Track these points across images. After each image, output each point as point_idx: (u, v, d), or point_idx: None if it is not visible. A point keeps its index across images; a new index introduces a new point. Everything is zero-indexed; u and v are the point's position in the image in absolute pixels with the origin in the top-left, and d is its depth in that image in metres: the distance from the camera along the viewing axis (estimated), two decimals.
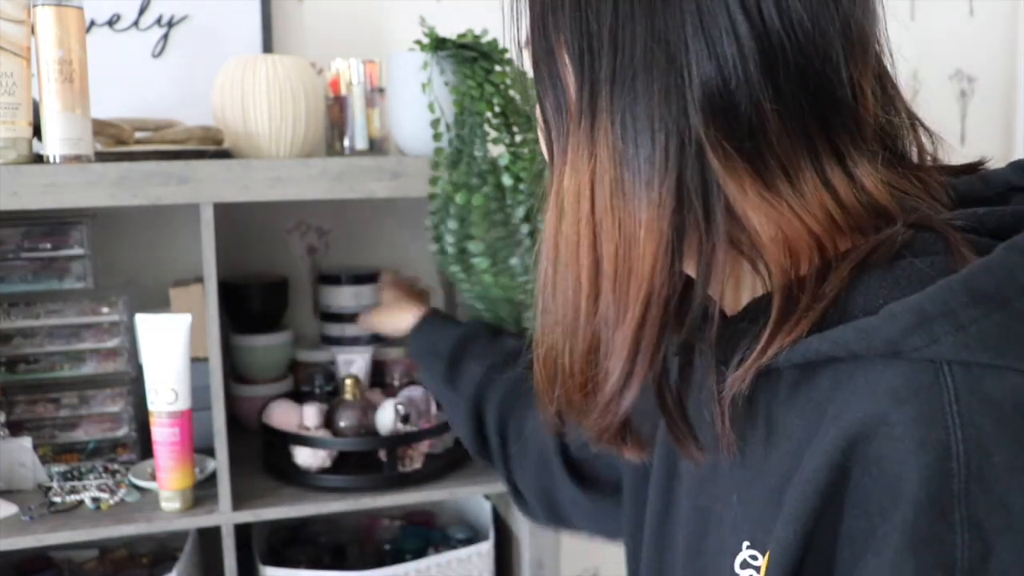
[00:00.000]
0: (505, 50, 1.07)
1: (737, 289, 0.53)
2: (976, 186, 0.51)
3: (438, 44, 1.05)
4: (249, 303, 1.27)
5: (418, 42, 1.09)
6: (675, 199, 0.47)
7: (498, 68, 1.04)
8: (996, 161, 0.54)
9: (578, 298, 0.51)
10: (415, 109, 1.08)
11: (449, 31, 1.07)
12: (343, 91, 1.20)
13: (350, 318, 1.30)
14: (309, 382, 1.22)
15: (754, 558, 0.50)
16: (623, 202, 0.49)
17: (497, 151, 1.04)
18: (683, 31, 0.46)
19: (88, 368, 1.13)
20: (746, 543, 0.51)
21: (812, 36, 0.46)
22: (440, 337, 1.00)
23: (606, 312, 0.50)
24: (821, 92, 0.47)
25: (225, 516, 1.01)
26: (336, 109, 1.21)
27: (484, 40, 1.06)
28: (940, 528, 0.41)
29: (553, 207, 0.53)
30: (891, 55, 0.52)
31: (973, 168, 0.54)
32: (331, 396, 1.20)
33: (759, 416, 0.51)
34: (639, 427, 0.57)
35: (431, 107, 1.04)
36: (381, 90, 1.21)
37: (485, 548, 1.17)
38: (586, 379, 0.53)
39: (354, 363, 1.23)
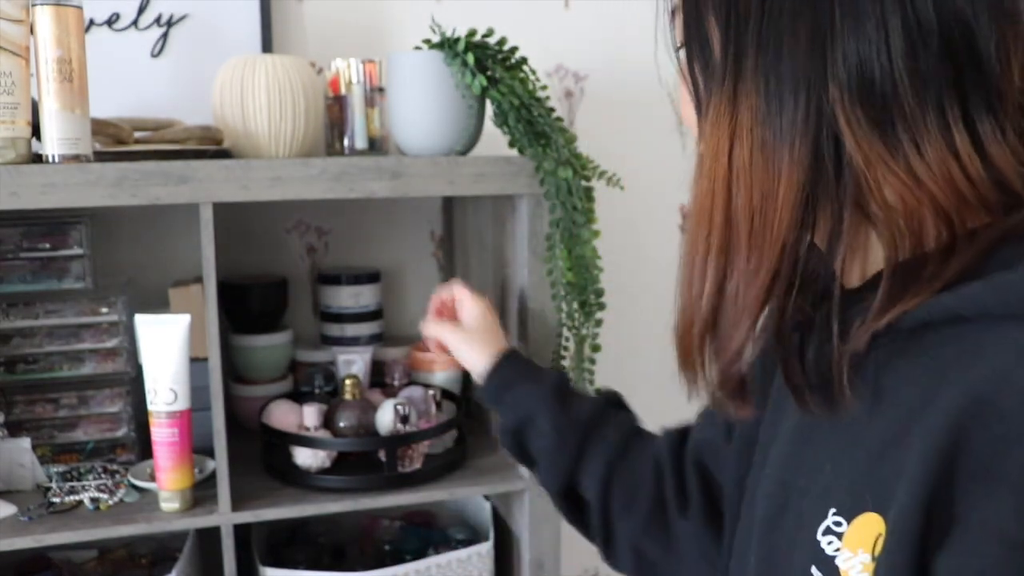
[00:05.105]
0: (516, 48, 1.07)
1: (865, 262, 0.53)
2: None
3: (450, 43, 1.05)
4: (249, 303, 1.27)
5: (427, 41, 1.09)
6: (812, 157, 0.49)
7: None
8: None
9: (708, 254, 0.53)
10: (415, 109, 1.08)
11: (449, 31, 1.07)
12: (343, 91, 1.20)
13: (350, 318, 1.30)
14: (309, 382, 1.22)
15: (838, 524, 0.50)
16: (762, 160, 0.50)
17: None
18: None
19: (87, 368, 1.13)
20: (832, 510, 0.51)
21: (960, 5, 0.47)
22: (536, 399, 0.91)
23: (739, 265, 0.52)
24: (962, 62, 0.48)
25: (224, 516, 1.01)
26: (336, 109, 1.21)
27: (491, 40, 1.06)
28: None
29: (696, 170, 0.55)
30: None
31: None
32: (331, 396, 1.20)
33: (866, 384, 0.51)
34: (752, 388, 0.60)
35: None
36: (381, 90, 1.21)
37: (485, 548, 1.17)
38: (715, 322, 0.54)
39: (354, 363, 1.23)
